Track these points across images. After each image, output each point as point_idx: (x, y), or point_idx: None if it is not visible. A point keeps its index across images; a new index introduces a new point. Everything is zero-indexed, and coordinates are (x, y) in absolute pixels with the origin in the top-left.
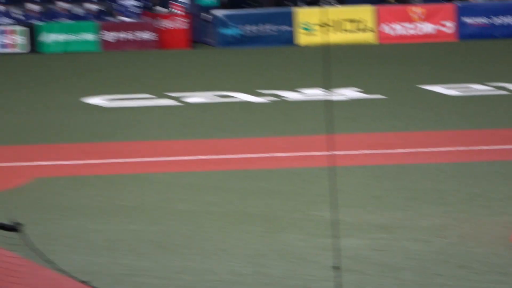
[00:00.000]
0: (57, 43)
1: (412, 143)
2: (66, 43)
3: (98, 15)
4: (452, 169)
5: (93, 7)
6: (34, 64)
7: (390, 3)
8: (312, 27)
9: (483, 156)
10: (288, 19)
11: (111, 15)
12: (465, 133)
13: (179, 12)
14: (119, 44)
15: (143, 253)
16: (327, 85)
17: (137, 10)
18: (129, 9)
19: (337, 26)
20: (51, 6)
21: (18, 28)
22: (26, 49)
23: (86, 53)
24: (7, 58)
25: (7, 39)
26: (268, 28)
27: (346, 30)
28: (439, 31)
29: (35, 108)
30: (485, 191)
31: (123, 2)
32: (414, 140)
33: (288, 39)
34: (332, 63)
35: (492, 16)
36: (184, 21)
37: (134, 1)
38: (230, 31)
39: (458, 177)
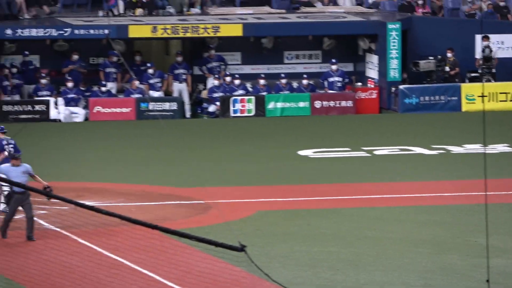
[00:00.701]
0: (277, 109)
1: None
2: (285, 109)
3: (310, 88)
4: None
5: (306, 82)
6: (259, 125)
7: None
8: (473, 98)
9: None
10: (455, 92)
11: (320, 88)
12: None
13: (372, 86)
14: (325, 110)
15: (338, 269)
16: (484, 142)
17: (340, 84)
18: (335, 84)
19: (492, 97)
20: (275, 81)
21: (248, 97)
22: (253, 113)
23: (300, 117)
24: (239, 120)
25: (240, 106)
26: (440, 98)
27: (499, 100)
28: None
29: (259, 158)
30: None
31: (330, 79)
32: None
33: (455, 107)
34: (487, 125)
35: None
36: (375, 93)
37: (339, 77)
38: (410, 100)
39: None
